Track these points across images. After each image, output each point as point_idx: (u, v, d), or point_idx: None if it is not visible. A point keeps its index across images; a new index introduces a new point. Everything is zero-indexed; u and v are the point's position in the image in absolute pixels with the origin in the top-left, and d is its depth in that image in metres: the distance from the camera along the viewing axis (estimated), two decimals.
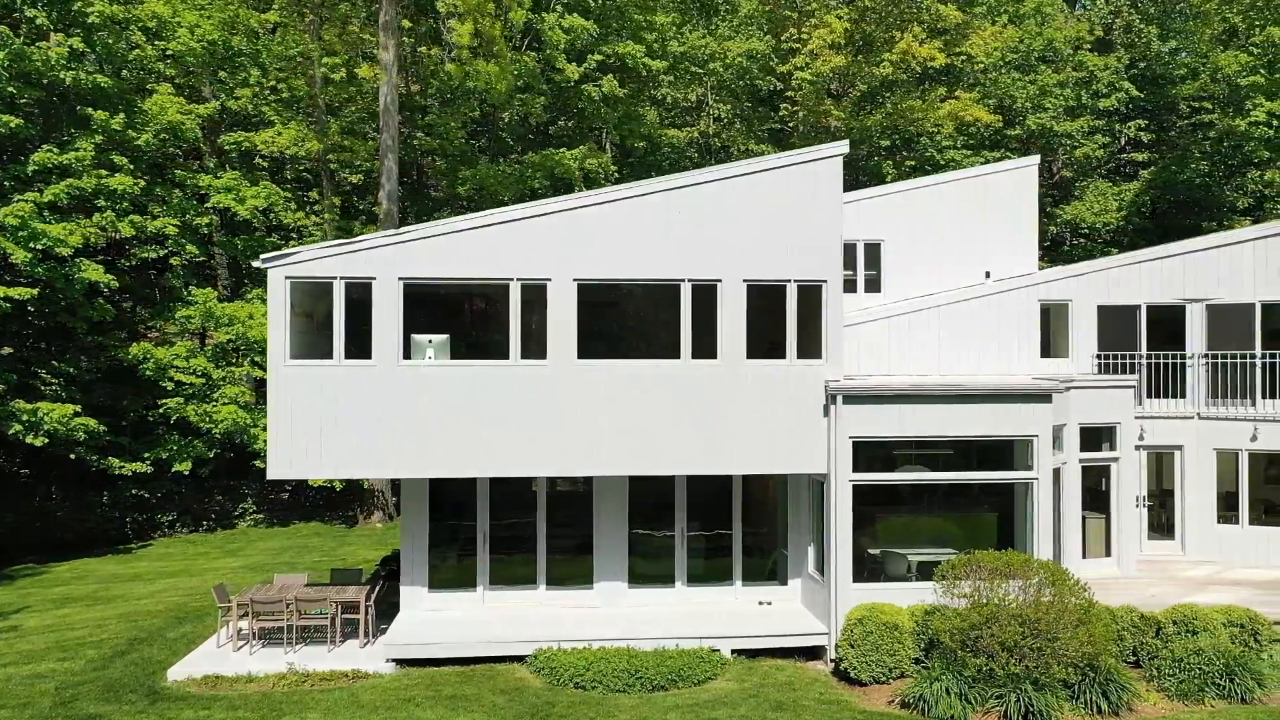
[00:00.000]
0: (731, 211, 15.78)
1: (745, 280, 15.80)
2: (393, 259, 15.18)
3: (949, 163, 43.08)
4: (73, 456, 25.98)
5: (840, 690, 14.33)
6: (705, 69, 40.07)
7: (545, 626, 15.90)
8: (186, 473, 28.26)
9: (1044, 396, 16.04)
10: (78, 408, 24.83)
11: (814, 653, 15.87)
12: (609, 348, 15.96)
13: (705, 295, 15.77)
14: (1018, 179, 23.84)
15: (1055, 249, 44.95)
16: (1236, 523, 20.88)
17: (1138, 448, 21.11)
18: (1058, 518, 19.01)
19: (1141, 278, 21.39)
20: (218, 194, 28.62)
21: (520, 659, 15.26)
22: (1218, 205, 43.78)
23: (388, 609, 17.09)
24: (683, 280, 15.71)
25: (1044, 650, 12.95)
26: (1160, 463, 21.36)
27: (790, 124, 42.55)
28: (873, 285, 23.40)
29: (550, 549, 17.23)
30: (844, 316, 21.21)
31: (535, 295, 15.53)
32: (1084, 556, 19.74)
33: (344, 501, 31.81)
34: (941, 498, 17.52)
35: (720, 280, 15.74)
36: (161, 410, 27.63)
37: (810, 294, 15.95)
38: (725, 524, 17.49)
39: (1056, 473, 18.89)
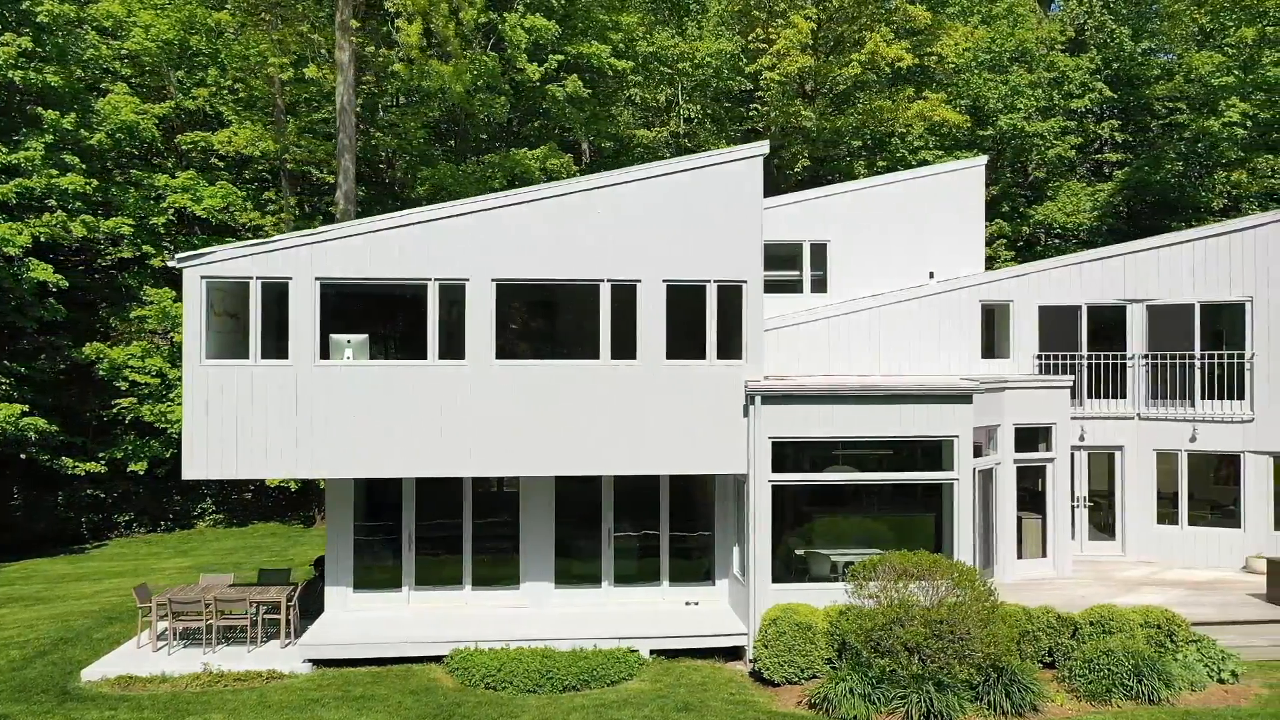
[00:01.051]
0: (652, 212, 15.77)
1: (665, 280, 15.80)
2: (309, 259, 15.17)
3: (920, 163, 43.05)
4: (23, 456, 25.94)
5: (753, 691, 14.32)
6: (674, 69, 40.03)
7: (466, 627, 15.89)
8: (142, 473, 28.22)
9: (964, 397, 16.03)
10: (25, 407, 24.79)
11: (735, 653, 15.87)
12: (529, 348, 15.94)
13: (625, 295, 15.77)
14: (964, 179, 23.86)
15: (1029, 249, 44.94)
16: (1176, 523, 20.91)
17: (1079, 448, 21.15)
18: (991, 518, 19.06)
19: (1082, 278, 21.40)
20: (174, 194, 28.58)
21: (439, 659, 15.25)
22: (1193, 206, 43.77)
23: (319, 609, 17.07)
24: (602, 280, 15.70)
25: (946, 651, 12.94)
26: (1101, 463, 21.36)
27: (761, 125, 42.52)
28: (819, 286, 23.40)
29: (477, 549, 17.24)
30: (791, 317, 21.37)
31: (454, 295, 15.52)
32: (1021, 557, 19.76)
33: (303, 502, 31.80)
34: (877, 498, 17.51)
35: (640, 280, 15.73)
36: (115, 411, 27.60)
37: (730, 294, 15.94)
38: (654, 524, 17.49)
39: (990, 473, 18.95)
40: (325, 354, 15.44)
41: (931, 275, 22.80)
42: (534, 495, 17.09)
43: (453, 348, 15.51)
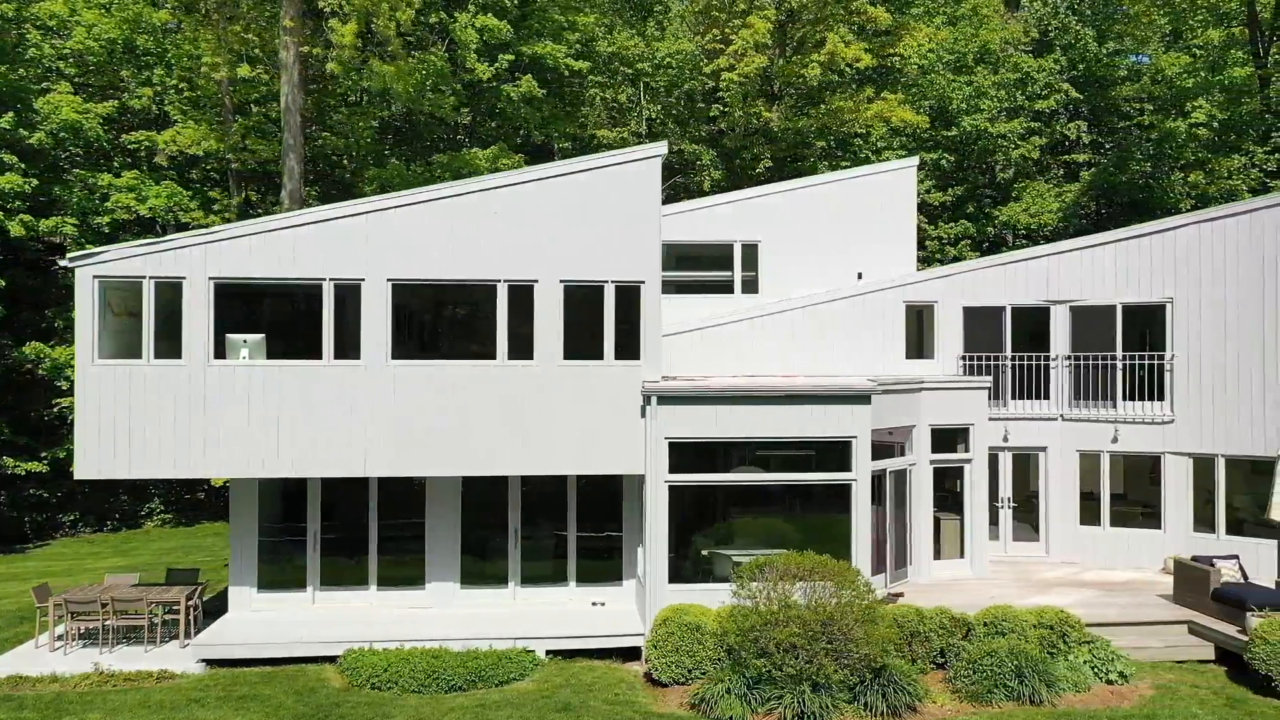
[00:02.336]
0: (549, 212, 15.78)
1: (562, 281, 15.80)
2: (202, 259, 15.17)
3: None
4: None
5: (641, 692, 14.31)
6: (634, 69, 40.04)
7: (364, 627, 15.89)
8: None
9: (862, 398, 16.04)
10: None
11: (634, 654, 15.86)
12: (427, 348, 15.94)
13: (522, 296, 15.77)
14: (897, 180, 23.90)
15: (995, 250, 44.91)
16: (1098, 524, 20.91)
17: (1003, 449, 21.15)
18: (906, 519, 19.06)
19: (1007, 280, 21.41)
20: (119, 193, 28.57)
21: (335, 660, 15.24)
22: (1161, 206, 43.77)
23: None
24: (499, 281, 15.71)
25: (820, 652, 12.94)
26: (1026, 464, 21.37)
27: (723, 125, 42.52)
28: (751, 286, 23.42)
29: (383, 550, 17.23)
30: (718, 318, 21.39)
31: (350, 295, 15.51)
32: (939, 557, 19.78)
33: None
34: (789, 499, 17.51)
35: (537, 281, 15.73)
36: (57, 410, 27.59)
37: (628, 295, 15.95)
38: (561, 525, 17.49)
39: (904, 474, 18.95)
40: (221, 354, 15.43)
41: (860, 276, 22.84)
42: (440, 495, 17.09)
43: (348, 348, 15.51)
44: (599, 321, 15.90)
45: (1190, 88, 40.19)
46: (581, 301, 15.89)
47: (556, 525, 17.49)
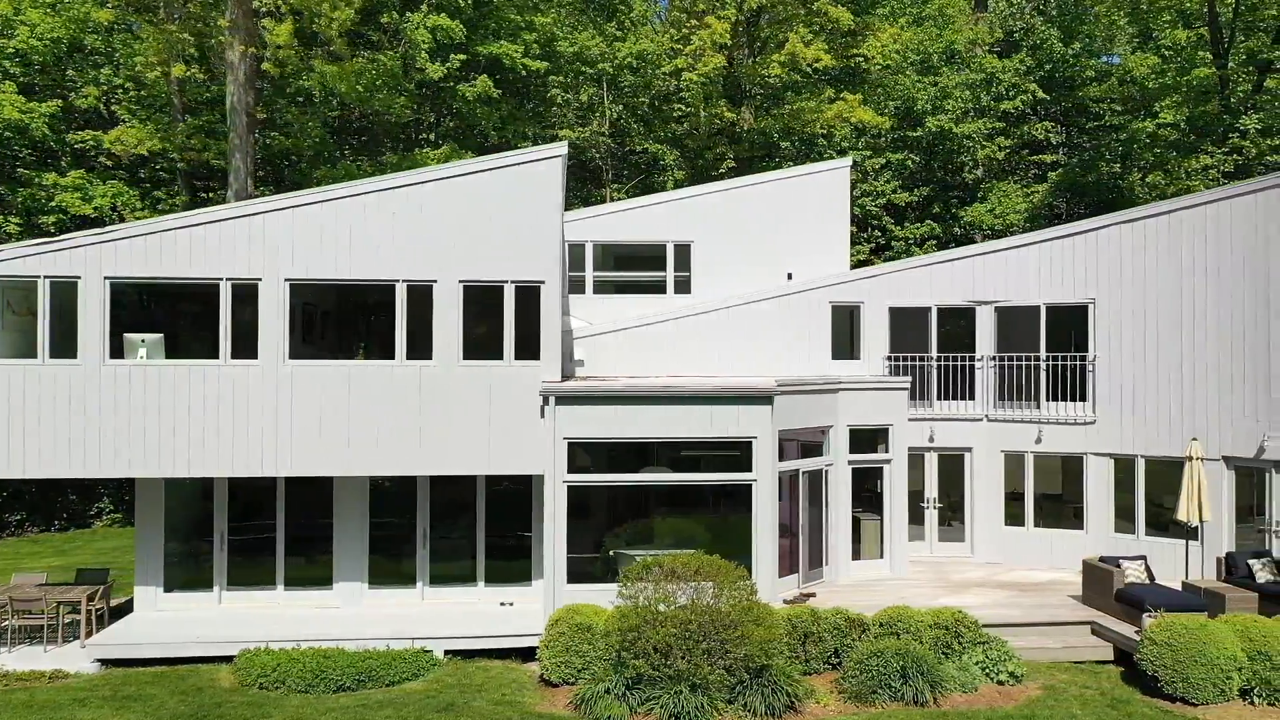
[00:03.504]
0: (449, 212, 15.78)
1: (461, 281, 15.80)
2: (98, 258, 15.16)
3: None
4: None
5: (531, 692, 14.29)
6: (595, 69, 40.01)
7: (268, 627, 15.85)
8: None
9: (764, 398, 16.04)
10: None
11: (534, 654, 15.84)
12: (327, 347, 15.94)
13: (421, 296, 15.77)
14: (831, 180, 23.91)
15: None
16: (1023, 524, 20.92)
17: (929, 450, 21.15)
18: (822, 519, 19.06)
19: (933, 280, 21.41)
20: (63, 193, 28.55)
21: (231, 659, 15.23)
22: (1129, 207, 43.70)
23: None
24: (398, 281, 15.71)
25: (695, 652, 12.94)
26: (951, 465, 21.37)
27: (685, 125, 42.50)
28: (683, 287, 23.44)
29: (291, 549, 17.21)
30: (646, 318, 21.38)
31: (247, 294, 15.51)
32: (859, 558, 19.79)
33: None
34: (695, 500, 17.53)
35: (436, 281, 15.74)
36: None
37: (528, 295, 15.94)
38: (470, 525, 17.48)
39: (820, 474, 18.96)
40: (119, 353, 15.42)
41: (790, 276, 22.84)
42: (348, 495, 17.08)
43: (246, 347, 15.50)
44: (500, 321, 15.88)
45: (1154, 89, 40.18)
46: (482, 301, 15.89)
47: (466, 525, 17.48)
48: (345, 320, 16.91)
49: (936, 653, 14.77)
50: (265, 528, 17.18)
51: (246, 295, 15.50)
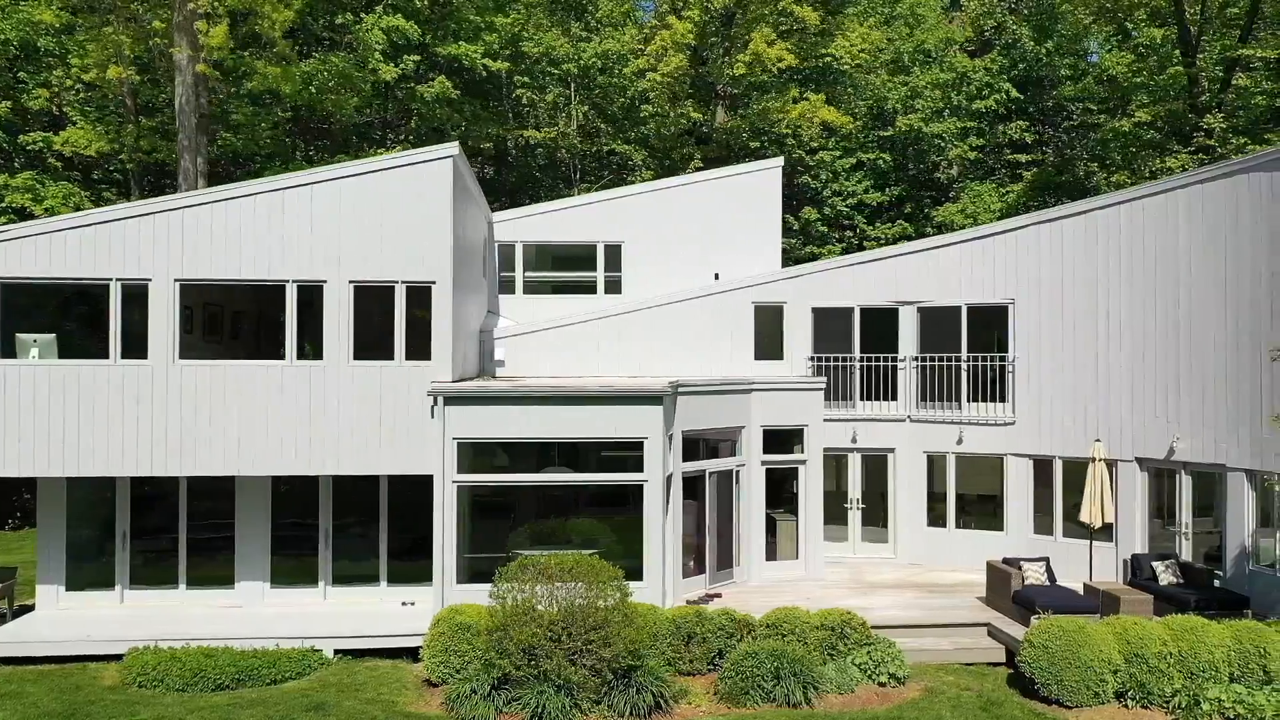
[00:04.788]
0: (341, 212, 15.82)
1: (352, 281, 15.84)
2: None
3: (818, 164, 43.03)
4: None
5: (410, 692, 14.29)
6: (560, 70, 40.06)
7: (162, 625, 15.87)
8: None
9: (653, 399, 16.02)
10: None
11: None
12: (220, 347, 15.99)
13: (312, 296, 15.82)
14: (762, 180, 23.84)
15: None
16: (944, 525, 20.85)
17: (850, 451, 21.09)
18: (733, 520, 19.03)
19: (856, 280, 21.35)
20: (14, 193, 28.74)
21: (120, 658, 15.30)
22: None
23: None
24: (288, 281, 15.75)
25: (558, 653, 12.93)
26: (875, 465, 21.30)
27: (652, 125, 42.48)
28: (614, 287, 23.42)
29: (193, 549, 17.26)
30: (570, 318, 21.41)
31: (138, 294, 15.58)
32: (775, 558, 19.75)
33: None
34: (595, 500, 17.55)
35: (326, 281, 15.78)
36: None
37: (420, 296, 15.97)
38: (373, 524, 17.50)
39: (731, 474, 18.93)
40: (12, 353, 15.52)
41: (717, 276, 22.79)
42: (250, 495, 17.13)
43: (137, 347, 15.57)
44: (390, 321, 15.92)
45: (1126, 88, 40.00)
46: (373, 302, 15.92)
47: (369, 525, 17.51)
48: (251, 320, 16.93)
49: (822, 654, 14.75)
50: (168, 527, 17.25)
51: (137, 296, 15.56)
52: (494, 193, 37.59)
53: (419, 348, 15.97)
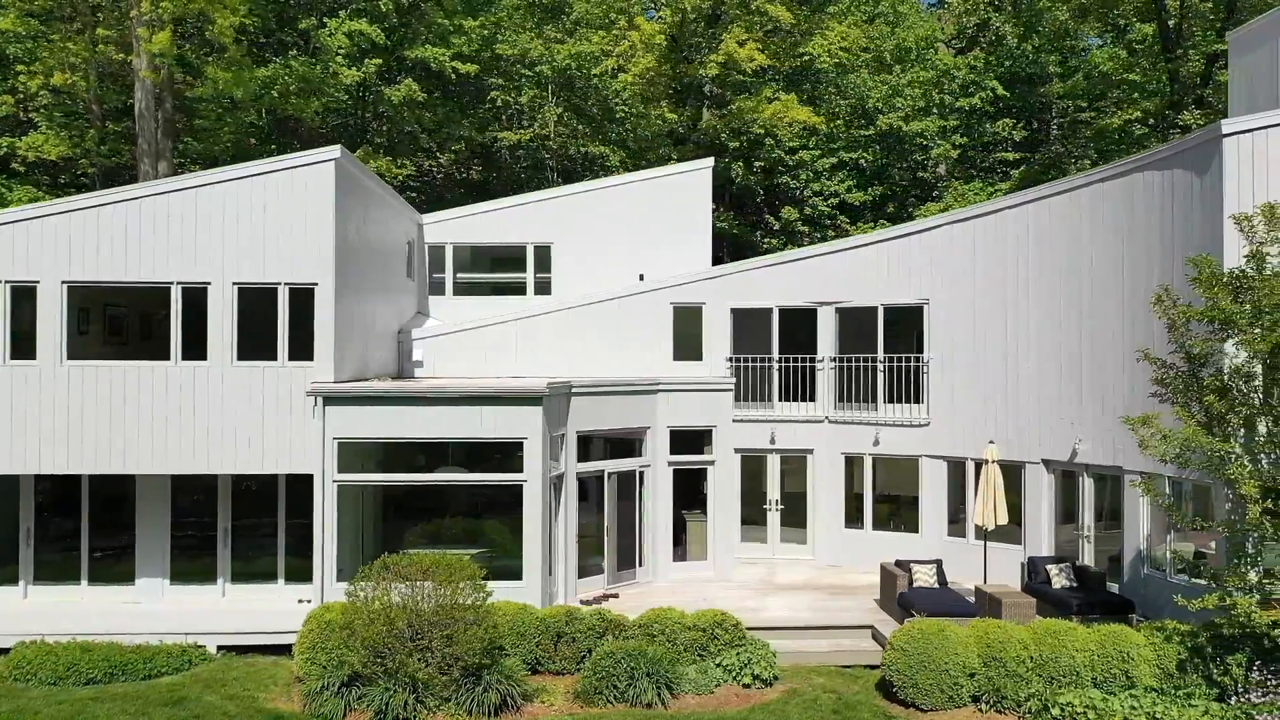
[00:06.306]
0: (225, 215, 16.06)
1: (235, 283, 16.08)
2: None
3: (797, 164, 42.85)
4: None
5: (279, 688, 14.47)
6: (534, 71, 40.23)
7: (57, 621, 16.04)
8: None
9: (533, 399, 16.09)
10: None
11: None
12: (110, 348, 16.28)
13: (196, 297, 16.06)
14: (692, 181, 23.85)
15: None
16: (862, 526, 20.74)
17: (769, 451, 21.04)
18: (638, 521, 19.06)
19: (775, 281, 21.28)
20: None
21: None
22: None
23: None
24: (173, 283, 16.01)
25: (402, 651, 13.05)
26: (794, 466, 21.24)
27: (627, 126, 42.55)
28: (544, 288, 23.52)
29: (96, 545, 17.55)
30: (491, 318, 21.51)
31: (25, 297, 15.90)
32: (685, 559, 19.76)
33: None
34: (485, 500, 17.68)
35: (210, 283, 16.02)
36: None
37: (302, 297, 16.17)
38: (271, 522, 17.70)
39: (633, 475, 18.97)
40: None
41: (641, 277, 22.79)
42: (150, 493, 17.39)
43: (25, 348, 15.89)
44: (274, 322, 16.13)
45: (1118, 85, 39.55)
46: (258, 303, 16.14)
47: (268, 523, 17.72)
48: (155, 322, 17.12)
49: (692, 654, 14.75)
50: (72, 523, 17.57)
51: (26, 297, 15.88)
52: (480, 195, 37.73)
53: (302, 348, 16.16)
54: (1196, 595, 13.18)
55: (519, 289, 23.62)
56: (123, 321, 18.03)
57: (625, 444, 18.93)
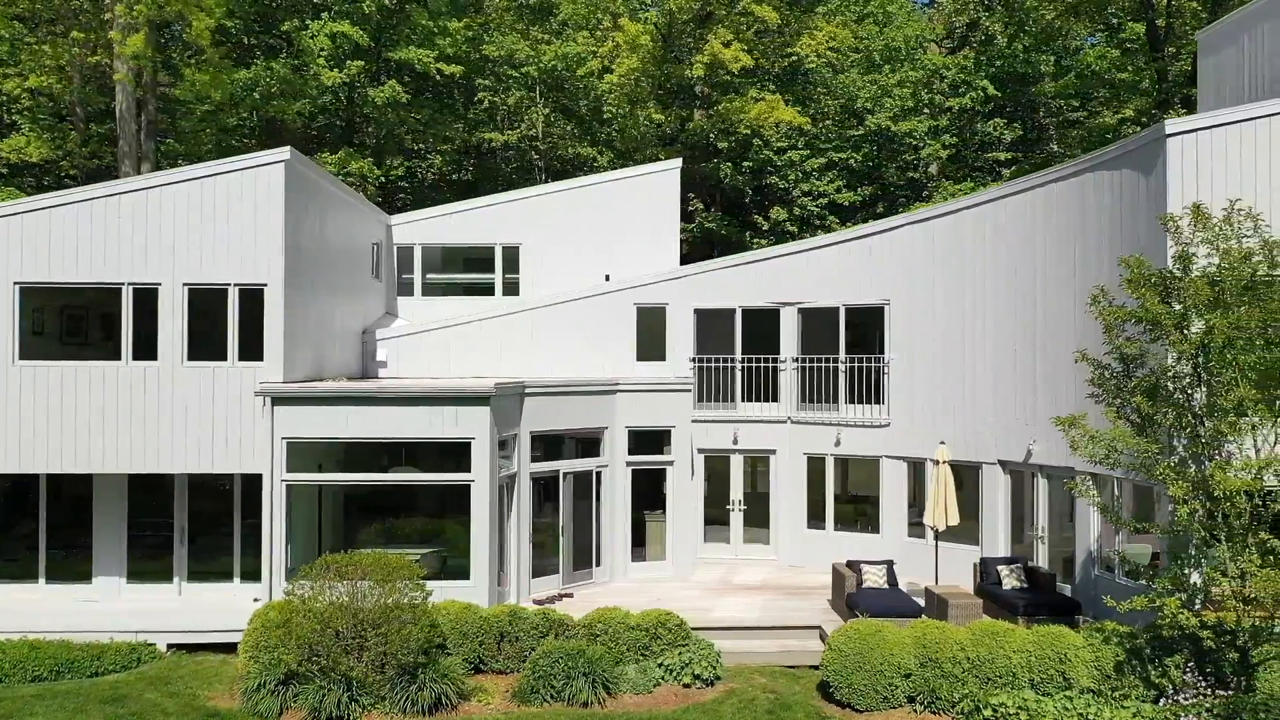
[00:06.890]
0: (175, 216, 16.19)
1: (185, 284, 16.19)
2: None
3: (786, 164, 42.81)
4: None
5: (224, 685, 14.56)
6: (521, 72, 40.32)
7: (12, 618, 16.31)
8: None
9: (481, 399, 16.14)
10: None
11: None
12: (60, 348, 16.42)
13: (147, 298, 16.19)
14: (660, 182, 23.90)
15: None
16: (824, 527, 20.73)
17: (732, 452, 21.06)
18: (595, 520, 19.10)
19: (738, 281, 21.30)
20: None
21: None
22: None
23: None
24: (124, 284, 16.14)
25: (335, 649, 13.13)
26: (757, 466, 21.25)
27: (615, 127, 42.59)
28: (512, 288, 23.61)
29: (53, 544, 17.71)
30: (455, 319, 21.60)
31: None
32: (645, 559, 19.79)
33: None
34: (448, 499, 17.72)
35: (160, 284, 16.15)
36: None
37: (252, 297, 16.27)
38: (228, 522, 17.81)
39: (591, 475, 19.01)
40: None
41: (608, 278, 22.84)
42: (106, 492, 17.53)
43: None
44: (224, 322, 16.24)
45: (1111, 84, 39.44)
46: (210, 303, 16.25)
47: (224, 522, 17.83)
48: (112, 322, 17.24)
49: (635, 654, 14.78)
50: (30, 523, 17.72)
51: None
52: (467, 194, 37.81)
53: (252, 349, 16.26)
54: (1128, 597, 13.12)
55: (488, 290, 23.70)
56: (80, 322, 18.16)
57: (583, 444, 18.98)
